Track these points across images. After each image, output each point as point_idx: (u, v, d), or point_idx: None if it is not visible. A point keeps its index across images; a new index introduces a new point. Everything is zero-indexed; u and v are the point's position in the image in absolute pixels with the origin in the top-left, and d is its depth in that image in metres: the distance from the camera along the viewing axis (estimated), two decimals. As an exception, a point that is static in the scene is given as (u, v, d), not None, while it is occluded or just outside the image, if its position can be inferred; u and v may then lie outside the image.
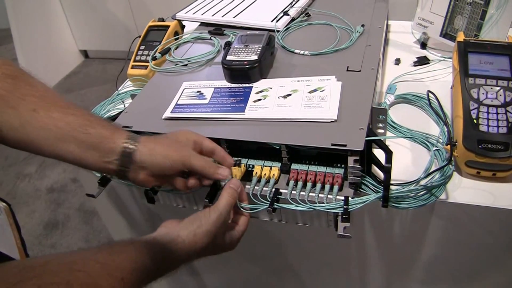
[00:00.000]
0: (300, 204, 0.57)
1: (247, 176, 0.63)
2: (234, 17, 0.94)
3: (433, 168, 0.62)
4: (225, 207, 0.55)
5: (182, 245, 0.51)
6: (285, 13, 0.93)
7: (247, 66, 0.71)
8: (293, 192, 0.59)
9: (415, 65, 0.90)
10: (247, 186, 0.61)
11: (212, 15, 0.96)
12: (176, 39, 0.93)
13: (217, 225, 0.53)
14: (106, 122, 0.56)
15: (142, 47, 0.94)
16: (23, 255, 0.69)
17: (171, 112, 0.68)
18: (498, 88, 0.65)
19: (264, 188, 0.61)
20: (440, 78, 0.85)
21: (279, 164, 0.62)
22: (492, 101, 0.64)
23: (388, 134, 0.72)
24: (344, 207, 0.55)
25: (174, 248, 0.50)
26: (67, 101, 0.54)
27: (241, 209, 0.59)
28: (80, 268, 0.40)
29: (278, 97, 0.67)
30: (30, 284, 0.36)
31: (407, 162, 0.67)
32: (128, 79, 0.95)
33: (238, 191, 0.57)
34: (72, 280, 0.38)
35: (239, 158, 0.63)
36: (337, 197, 0.57)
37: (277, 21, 0.90)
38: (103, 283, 0.41)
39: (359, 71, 0.72)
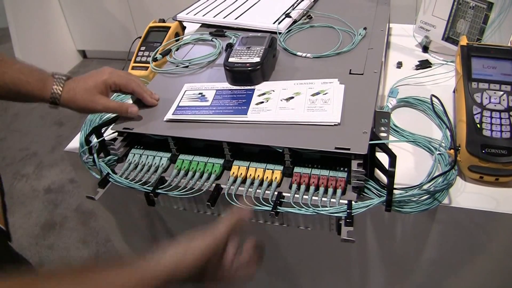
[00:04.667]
0: (303, 208, 0.57)
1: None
2: (235, 19, 0.94)
3: (436, 173, 0.62)
4: (222, 233, 0.49)
5: (162, 274, 0.45)
6: (287, 15, 0.93)
7: (249, 68, 0.70)
8: (296, 195, 0.59)
9: (417, 69, 0.90)
10: (249, 190, 0.61)
11: (214, 17, 0.96)
12: (177, 40, 0.93)
13: (208, 252, 0.47)
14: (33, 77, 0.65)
15: (143, 48, 0.93)
16: (1, 219, 0.69)
17: (173, 114, 0.67)
18: (502, 92, 0.65)
19: (266, 192, 0.60)
20: (442, 82, 0.85)
21: (281, 167, 0.61)
22: (495, 105, 0.64)
23: (391, 138, 0.71)
24: (348, 211, 0.55)
25: (153, 275, 0.44)
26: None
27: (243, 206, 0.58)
28: None
29: (281, 100, 0.67)
30: None
31: (410, 166, 0.66)
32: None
33: (243, 217, 0.53)
34: None
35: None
36: (340, 201, 0.57)
37: (279, 23, 0.90)
38: None
39: (362, 74, 0.71)
